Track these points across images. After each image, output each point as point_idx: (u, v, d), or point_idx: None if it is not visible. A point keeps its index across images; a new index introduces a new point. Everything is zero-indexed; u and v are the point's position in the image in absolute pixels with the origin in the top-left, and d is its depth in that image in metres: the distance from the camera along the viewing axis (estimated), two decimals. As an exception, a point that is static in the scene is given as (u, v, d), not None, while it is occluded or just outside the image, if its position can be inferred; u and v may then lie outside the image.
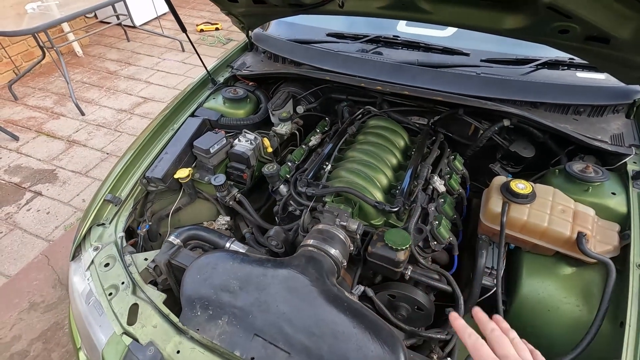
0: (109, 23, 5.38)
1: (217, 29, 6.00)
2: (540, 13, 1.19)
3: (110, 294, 1.26)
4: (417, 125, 1.89)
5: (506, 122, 1.61)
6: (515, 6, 1.26)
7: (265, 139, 1.78)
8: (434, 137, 1.80)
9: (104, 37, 5.72)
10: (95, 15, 5.77)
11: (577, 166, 1.39)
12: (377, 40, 1.92)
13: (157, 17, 5.86)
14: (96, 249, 1.39)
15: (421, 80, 1.68)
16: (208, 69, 2.06)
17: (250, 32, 2.16)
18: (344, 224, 1.29)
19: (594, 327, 1.11)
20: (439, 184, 1.52)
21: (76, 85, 4.49)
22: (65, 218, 2.84)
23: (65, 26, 4.86)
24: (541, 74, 1.67)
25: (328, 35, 2.03)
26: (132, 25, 5.39)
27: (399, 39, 1.88)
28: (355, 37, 1.96)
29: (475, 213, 1.77)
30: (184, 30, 1.72)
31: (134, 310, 1.21)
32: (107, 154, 3.48)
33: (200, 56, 2.00)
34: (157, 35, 5.60)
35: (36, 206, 2.94)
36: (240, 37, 5.81)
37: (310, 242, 1.23)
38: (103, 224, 1.49)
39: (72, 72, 4.78)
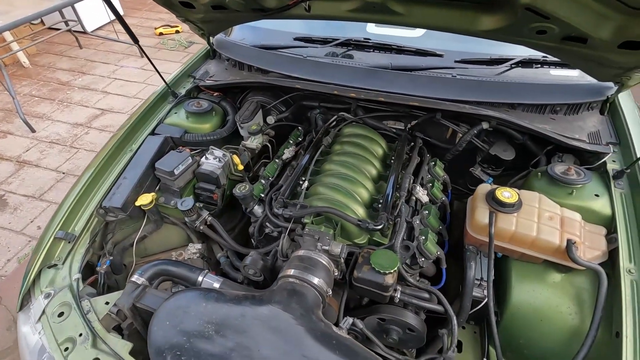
0: (57, 29, 4.99)
1: (177, 31, 5.72)
2: (518, 14, 1.13)
3: (67, 349, 1.10)
4: (394, 131, 1.82)
5: (485, 125, 1.57)
6: (490, 7, 1.20)
7: (235, 155, 1.65)
8: (412, 143, 1.73)
9: (53, 45, 5.31)
10: (42, 22, 5.35)
11: (559, 168, 1.36)
12: (347, 44, 1.83)
13: (111, 22, 5.50)
14: (48, 296, 1.23)
15: (396, 85, 1.61)
16: (167, 80, 1.89)
17: (211, 38, 2.01)
18: (327, 248, 1.19)
19: (589, 338, 1.08)
20: (421, 194, 1.45)
21: (24, 99, 4.13)
22: (19, 249, 2.58)
23: (8, 34, 4.45)
24: (516, 73, 1.64)
25: (295, 39, 1.92)
26: (83, 31, 5.04)
27: (370, 41, 1.80)
28: (324, 41, 1.86)
29: (458, 218, 1.73)
30: (135, 41, 1.55)
31: (95, 367, 1.06)
32: (64, 173, 3.20)
33: (157, 64, 1.82)
34: (112, 41, 5.26)
35: (-16, 238, 2.66)
36: (202, 40, 5.58)
37: (291, 272, 1.13)
38: (55, 265, 1.32)
39: (18, 84, 4.39)
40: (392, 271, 1.11)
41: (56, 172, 3.22)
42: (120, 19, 1.44)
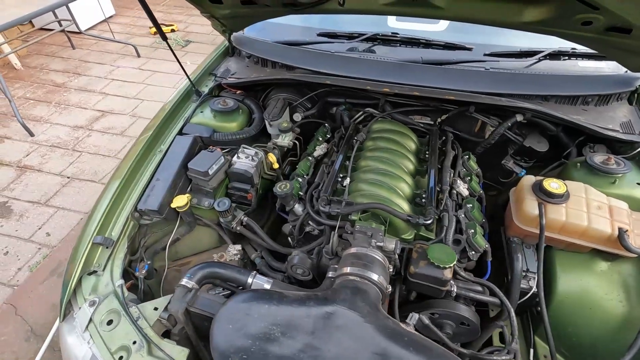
0: (49, 30, 4.83)
1: (172, 30, 5.60)
2: (567, 5, 1.14)
3: (121, 357, 1.07)
4: (422, 125, 1.81)
5: (519, 118, 1.58)
6: (538, -2, 1.20)
7: (271, 154, 1.63)
8: (443, 137, 1.73)
9: (43, 45, 5.14)
10: (31, 22, 5.17)
11: (598, 158, 1.38)
12: (374, 39, 1.81)
13: (105, 20, 5.36)
14: (93, 303, 1.18)
15: (428, 79, 1.60)
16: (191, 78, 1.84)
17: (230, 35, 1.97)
18: (381, 244, 1.18)
19: (645, 324, 1.10)
20: (462, 188, 1.45)
21: (18, 102, 3.98)
22: (29, 257, 2.49)
23: (-2, 36, 4.30)
24: (545, 66, 1.65)
25: (319, 35, 1.89)
26: (77, 31, 4.89)
27: (397, 36, 1.78)
28: (350, 36, 1.84)
29: (487, 210, 1.74)
30: (164, 39, 1.51)
31: (154, 375, 1.03)
32: (68, 178, 3.11)
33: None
34: (105, 41, 5.13)
35: (-10, 247, 2.56)
36: (200, 38, 5.49)
37: (349, 269, 1.11)
38: (95, 271, 1.28)
39: (10, 87, 4.23)
40: (450, 265, 1.11)
41: (60, 177, 3.12)
42: (149, 13, 1.40)
